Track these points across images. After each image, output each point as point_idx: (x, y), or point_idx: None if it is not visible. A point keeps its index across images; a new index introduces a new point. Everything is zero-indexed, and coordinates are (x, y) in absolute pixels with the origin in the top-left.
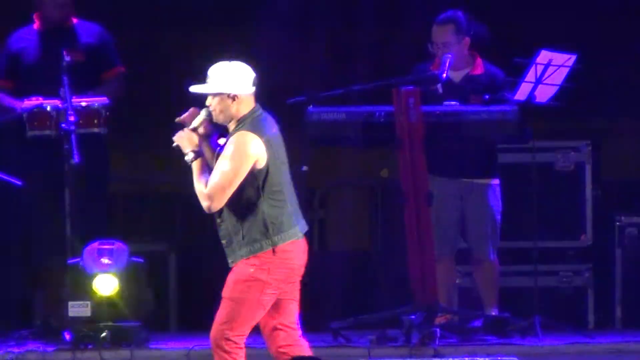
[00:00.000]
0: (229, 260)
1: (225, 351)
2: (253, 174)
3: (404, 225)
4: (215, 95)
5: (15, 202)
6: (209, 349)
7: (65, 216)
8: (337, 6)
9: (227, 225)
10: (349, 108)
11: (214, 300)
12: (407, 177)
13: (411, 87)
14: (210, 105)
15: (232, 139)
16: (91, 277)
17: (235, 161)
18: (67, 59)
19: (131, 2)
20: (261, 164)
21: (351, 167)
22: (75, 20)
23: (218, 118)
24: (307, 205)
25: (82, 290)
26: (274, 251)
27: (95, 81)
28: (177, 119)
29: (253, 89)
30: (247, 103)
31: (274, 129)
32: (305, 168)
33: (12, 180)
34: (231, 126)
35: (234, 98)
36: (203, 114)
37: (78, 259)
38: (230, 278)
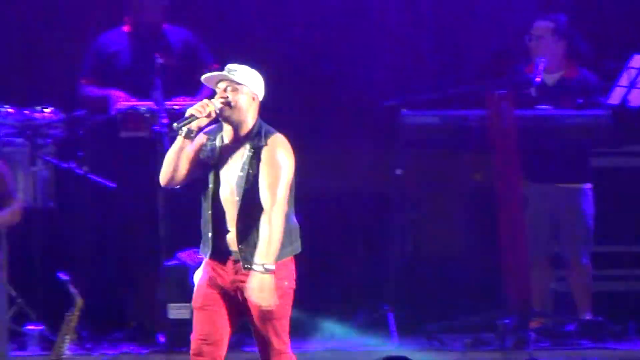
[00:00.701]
0: (246, 266)
1: None
2: None
3: (498, 229)
4: (241, 89)
5: (109, 204)
6: None
7: (159, 218)
8: (428, 11)
9: (247, 229)
10: (443, 112)
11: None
12: (500, 181)
13: (505, 91)
14: (228, 97)
15: (275, 141)
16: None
17: (291, 164)
18: (160, 61)
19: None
20: None
21: (444, 170)
22: (164, 25)
23: (231, 112)
24: (401, 209)
25: (181, 292)
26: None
27: (188, 85)
28: (189, 110)
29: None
30: (258, 109)
31: None
32: (399, 171)
33: (106, 183)
34: (240, 125)
35: (253, 99)
36: (217, 103)
37: (174, 261)
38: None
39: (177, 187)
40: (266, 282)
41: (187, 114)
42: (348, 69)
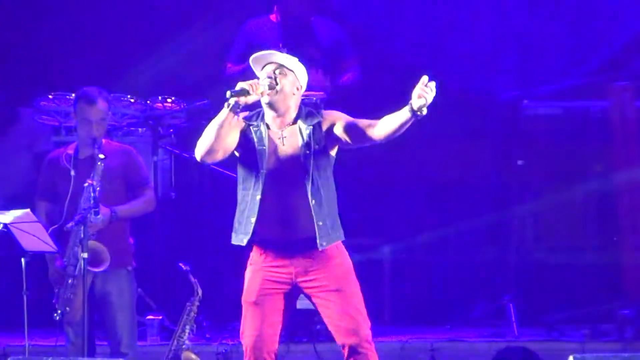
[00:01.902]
0: (322, 243)
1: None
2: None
3: (618, 220)
4: (288, 75)
5: (229, 194)
6: None
7: None
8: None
9: (324, 207)
10: (564, 103)
11: (426, 292)
12: (622, 173)
13: (626, 83)
14: (277, 79)
15: (330, 112)
16: None
17: None
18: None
19: None
20: None
21: (565, 161)
22: (313, 17)
23: (276, 96)
24: (522, 199)
25: None
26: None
27: (331, 78)
28: (241, 83)
29: None
30: (299, 100)
31: None
32: (520, 162)
33: (229, 173)
34: (284, 112)
35: (298, 88)
36: (266, 83)
37: None
38: (340, 269)
39: (211, 163)
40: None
41: (238, 87)
42: (471, 63)
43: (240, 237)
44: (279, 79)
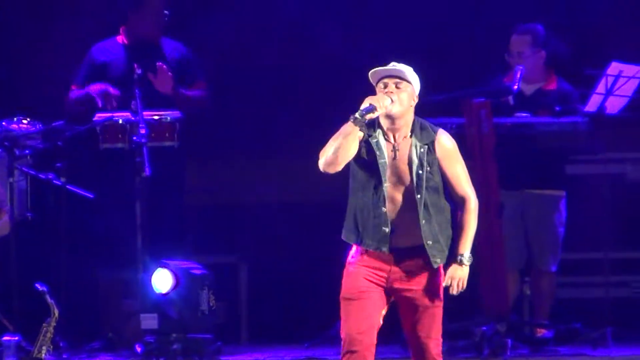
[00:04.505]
0: (436, 261)
1: None
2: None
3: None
4: (405, 87)
5: (87, 215)
6: None
7: (136, 229)
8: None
9: (433, 225)
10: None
11: (285, 311)
12: (478, 188)
13: (483, 99)
14: (395, 93)
15: (444, 137)
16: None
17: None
18: (139, 72)
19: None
20: None
21: None
22: (161, 38)
23: (394, 107)
24: None
25: (153, 303)
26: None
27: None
28: (369, 100)
29: None
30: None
31: None
32: None
33: (84, 193)
34: (402, 123)
35: (414, 99)
36: (387, 102)
37: (149, 273)
38: (433, 285)
39: (332, 173)
40: (464, 273)
41: (366, 104)
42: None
43: (374, 245)
44: (395, 92)
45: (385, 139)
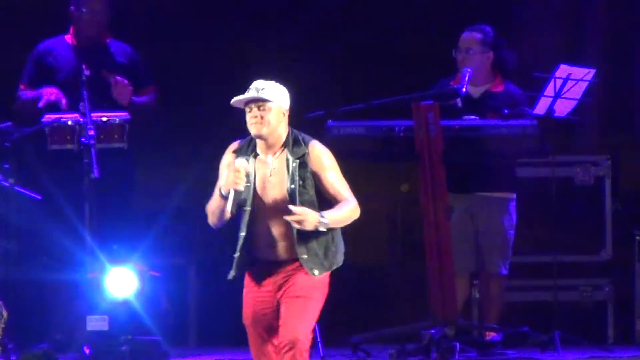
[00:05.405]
0: (314, 272)
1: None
2: None
3: (423, 239)
4: (270, 106)
5: (34, 216)
6: None
7: (84, 230)
8: (357, 19)
9: (310, 239)
10: (368, 122)
11: (234, 314)
12: (426, 191)
13: (430, 102)
14: (261, 116)
15: (316, 149)
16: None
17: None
18: (87, 73)
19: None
20: None
21: (370, 181)
22: (107, 39)
23: (263, 129)
24: None
25: (101, 305)
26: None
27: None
28: (228, 186)
29: None
30: (287, 121)
31: None
32: None
33: (31, 194)
34: (274, 141)
35: (283, 114)
36: (243, 174)
37: (97, 274)
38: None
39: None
40: (313, 220)
41: (229, 193)
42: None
43: (242, 268)
44: (265, 116)
45: (258, 158)
